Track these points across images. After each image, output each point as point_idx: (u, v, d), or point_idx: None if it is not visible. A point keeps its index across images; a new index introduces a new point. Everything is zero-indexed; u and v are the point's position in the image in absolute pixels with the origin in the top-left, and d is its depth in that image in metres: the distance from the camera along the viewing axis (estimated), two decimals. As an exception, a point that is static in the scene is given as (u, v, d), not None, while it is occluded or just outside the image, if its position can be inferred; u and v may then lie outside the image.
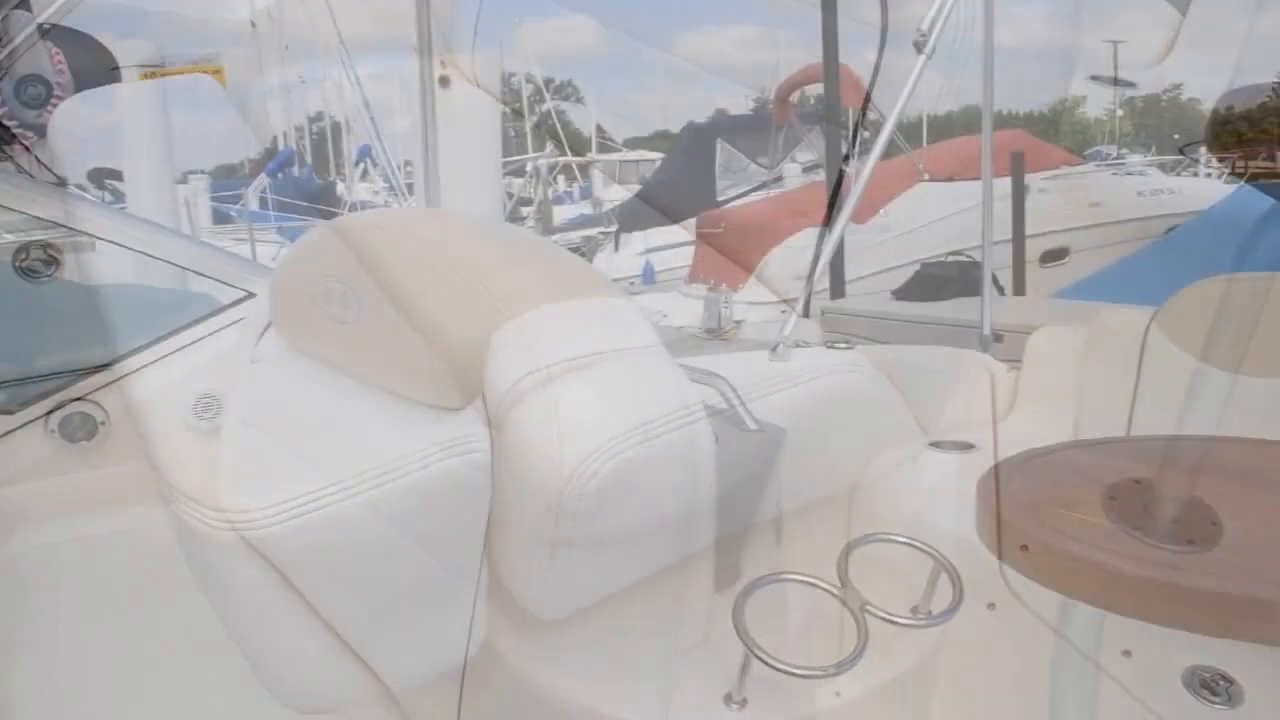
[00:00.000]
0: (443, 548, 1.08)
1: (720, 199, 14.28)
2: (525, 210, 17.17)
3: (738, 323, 9.67)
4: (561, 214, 20.28)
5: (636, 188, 19.04)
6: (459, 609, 1.03)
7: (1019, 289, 8.93)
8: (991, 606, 2.37)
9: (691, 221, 11.92)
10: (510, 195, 15.29)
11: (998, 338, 3.22)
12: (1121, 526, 1.37)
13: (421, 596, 1.10)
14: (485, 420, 1.02)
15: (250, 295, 1.96)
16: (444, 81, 1.82)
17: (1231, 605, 1.18)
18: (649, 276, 13.35)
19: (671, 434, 1.00)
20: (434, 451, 1.10)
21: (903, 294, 5.71)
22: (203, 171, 16.84)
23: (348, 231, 1.30)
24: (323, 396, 1.37)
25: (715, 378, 2.05)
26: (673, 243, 13.43)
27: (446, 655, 1.04)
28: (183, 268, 2.04)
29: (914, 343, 2.94)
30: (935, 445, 2.67)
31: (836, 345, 2.82)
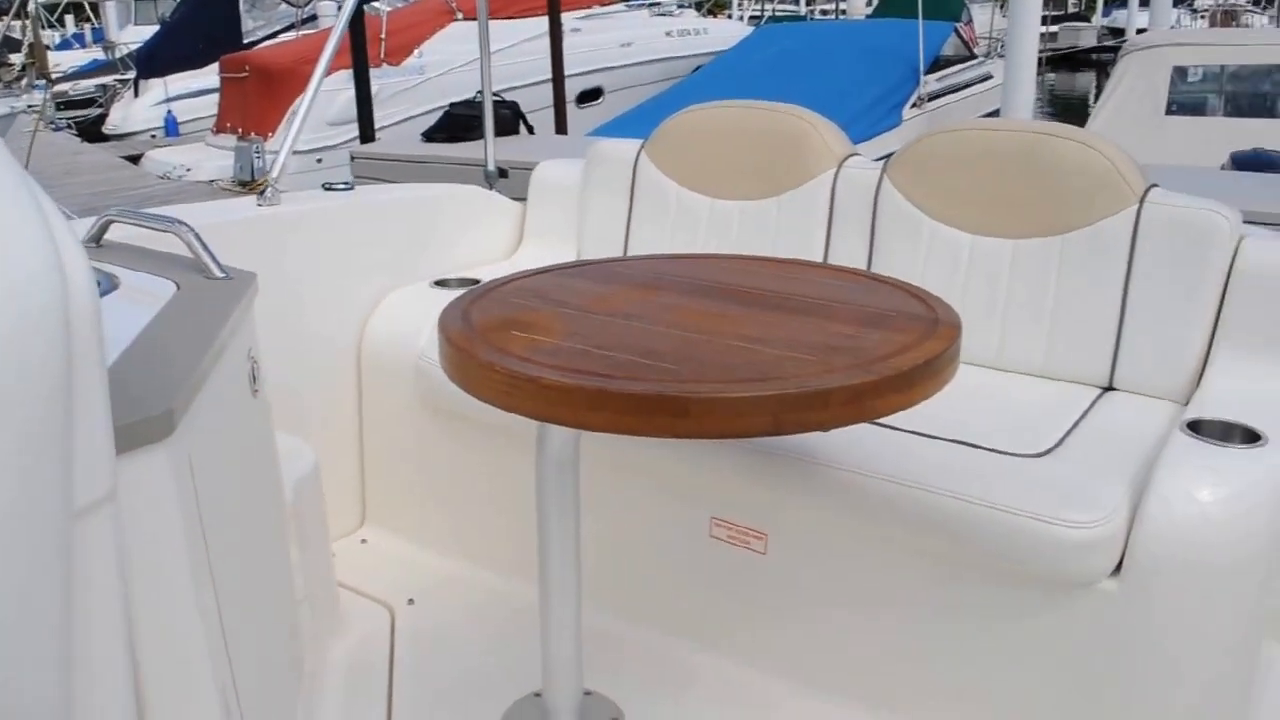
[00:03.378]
0: None
1: (247, 41, 13.33)
2: (15, 57, 15.21)
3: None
4: (69, 59, 18.20)
5: (155, 29, 17.33)
6: None
7: (561, 128, 9.11)
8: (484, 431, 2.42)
9: (216, 67, 11.04)
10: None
11: (503, 173, 3.22)
12: (575, 344, 1.40)
13: None
14: None
15: None
16: None
17: (653, 405, 1.24)
18: (172, 128, 12.33)
19: (35, 285, 0.86)
20: None
21: (431, 135, 5.61)
22: None
23: None
24: None
25: (179, 225, 1.88)
26: (195, 90, 12.45)
27: None
28: None
29: (439, 182, 2.88)
30: (440, 283, 2.65)
31: (335, 187, 2.71)
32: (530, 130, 6.29)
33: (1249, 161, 5.55)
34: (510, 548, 2.41)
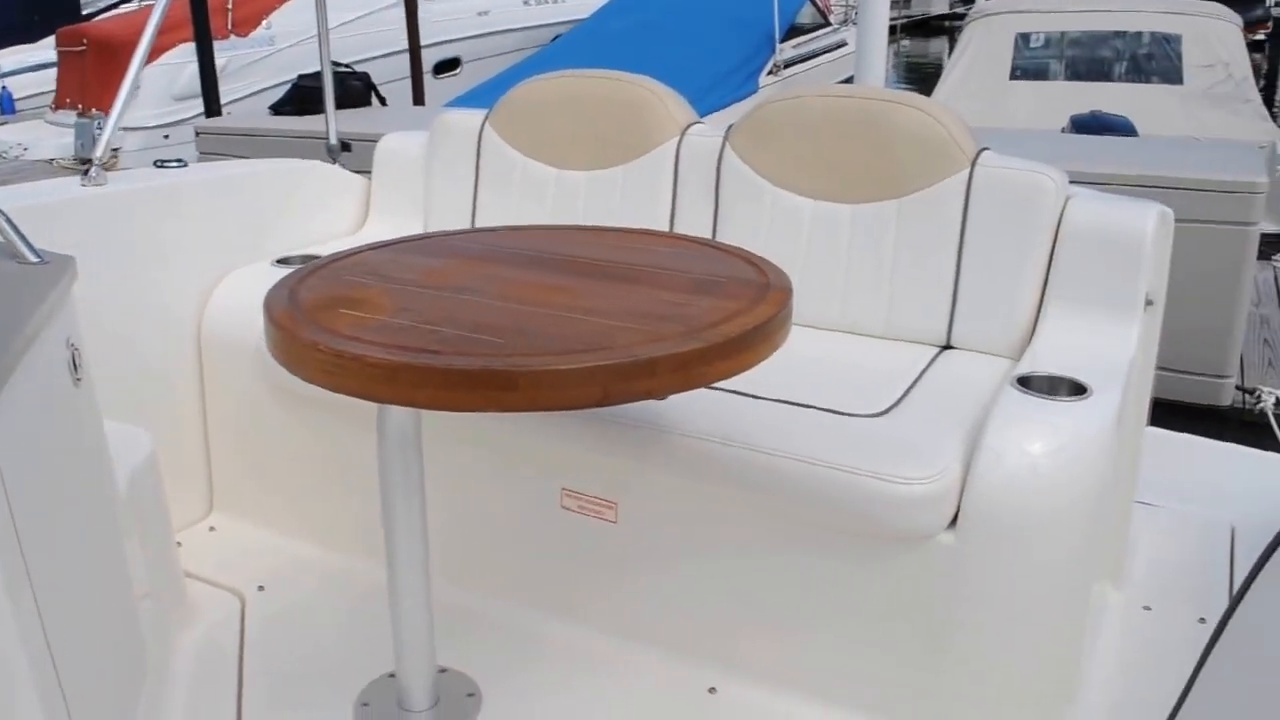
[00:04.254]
0: None
1: (85, 12, 12.73)
2: None
3: (115, 150, 8.80)
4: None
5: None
6: None
7: (418, 99, 8.96)
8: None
9: (51, 40, 10.50)
10: None
11: (346, 146, 3.14)
12: (403, 320, 1.38)
13: None
14: None
15: None
16: None
17: (480, 380, 1.22)
18: (7, 105, 11.69)
19: None
20: None
21: (279, 108, 5.45)
22: None
23: None
24: None
25: None
26: (33, 65, 11.83)
27: None
28: None
29: (288, 157, 2.79)
30: (282, 262, 2.58)
31: (167, 164, 2.61)
32: (383, 102, 6.16)
33: (1087, 124, 5.76)
34: (361, 528, 2.37)
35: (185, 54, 8.57)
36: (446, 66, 11.35)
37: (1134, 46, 7.27)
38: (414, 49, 8.97)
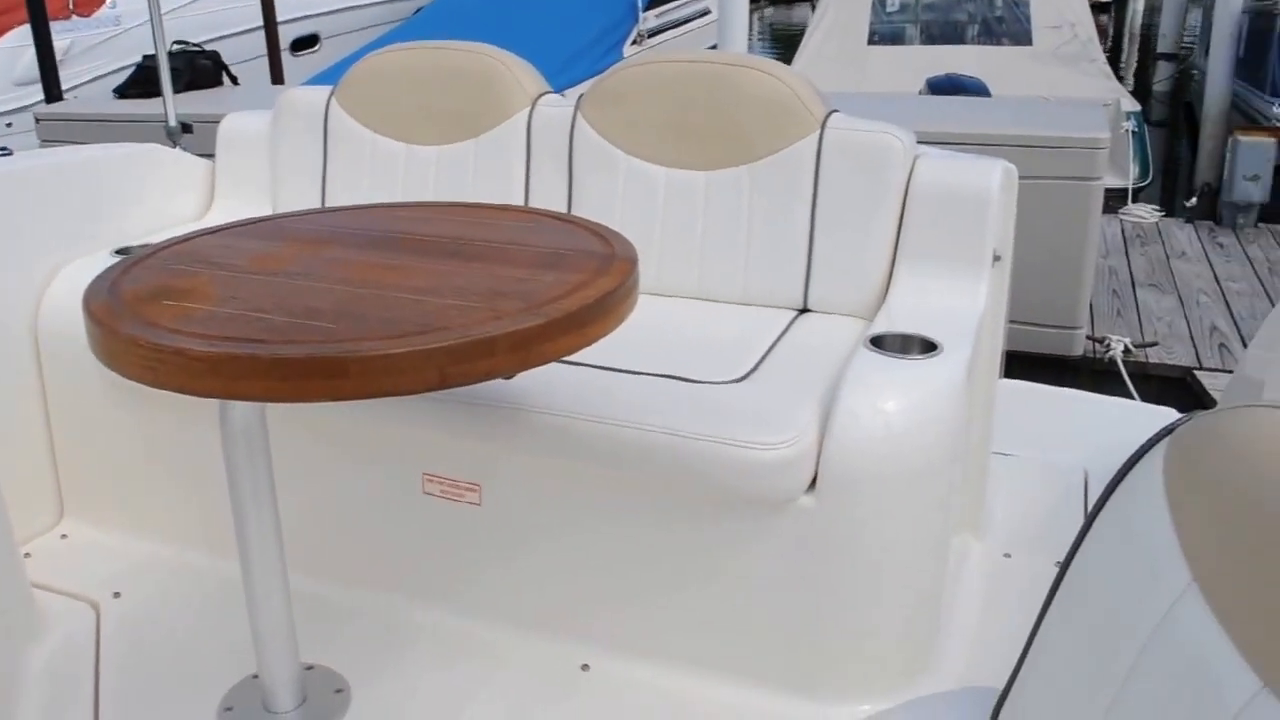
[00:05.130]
0: None
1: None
2: None
3: (-45, 141, 8.38)
4: None
5: None
6: None
7: (276, 78, 8.70)
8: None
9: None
10: None
11: (187, 128, 3.02)
12: (230, 309, 1.32)
13: None
14: None
15: None
16: None
17: (309, 369, 1.18)
18: None
19: None
20: None
21: (125, 91, 5.23)
22: None
23: None
24: None
25: None
26: None
27: None
28: None
29: (133, 141, 2.66)
30: (122, 252, 2.47)
31: None
32: (234, 81, 5.96)
33: (942, 86, 5.89)
34: (219, 526, 2.30)
35: (26, 36, 8.17)
36: (305, 43, 11.04)
37: (986, 10, 7.44)
38: (270, 25, 8.70)
